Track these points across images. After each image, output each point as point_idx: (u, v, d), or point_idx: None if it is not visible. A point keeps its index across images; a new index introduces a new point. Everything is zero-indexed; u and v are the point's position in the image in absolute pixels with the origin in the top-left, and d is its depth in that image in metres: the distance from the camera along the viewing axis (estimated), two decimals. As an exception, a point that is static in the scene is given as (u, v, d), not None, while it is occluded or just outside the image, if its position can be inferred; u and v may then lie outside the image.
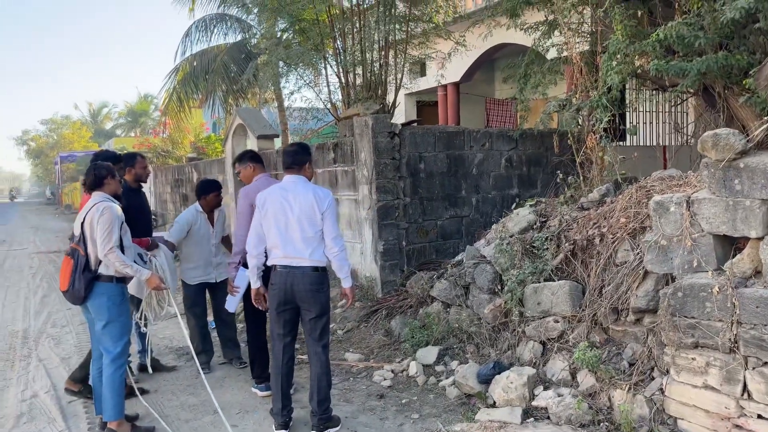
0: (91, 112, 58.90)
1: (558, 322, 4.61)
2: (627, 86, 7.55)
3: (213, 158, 14.83)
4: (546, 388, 4.26)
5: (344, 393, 4.78)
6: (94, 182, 4.21)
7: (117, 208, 4.13)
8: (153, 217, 16.93)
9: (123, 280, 4.21)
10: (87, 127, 53.67)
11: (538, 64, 7.63)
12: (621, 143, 9.69)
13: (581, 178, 6.30)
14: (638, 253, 4.26)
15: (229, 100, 14.04)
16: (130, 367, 5.12)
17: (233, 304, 5.04)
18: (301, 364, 5.20)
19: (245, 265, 4.36)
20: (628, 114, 10.08)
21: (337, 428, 4.12)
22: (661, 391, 3.76)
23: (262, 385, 4.74)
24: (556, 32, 7.33)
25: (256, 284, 4.21)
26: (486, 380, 4.44)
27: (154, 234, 5.10)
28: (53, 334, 6.80)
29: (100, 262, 4.05)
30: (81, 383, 4.71)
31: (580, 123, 6.69)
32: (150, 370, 5.26)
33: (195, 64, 14.61)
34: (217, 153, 16.46)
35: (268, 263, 4.17)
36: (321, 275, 4.10)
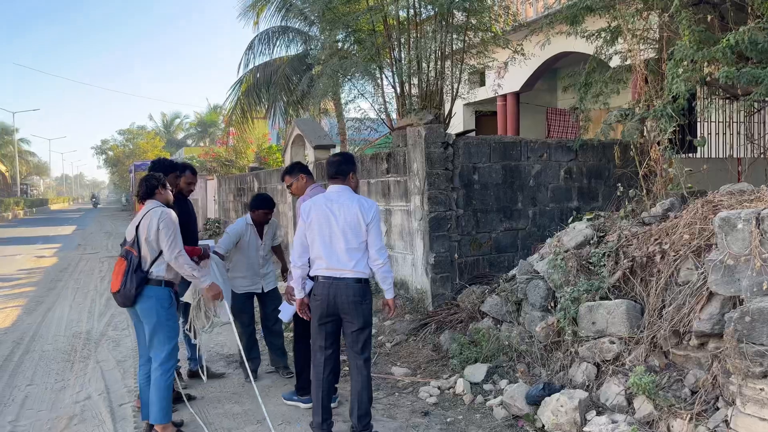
0: (164, 122, 61.62)
1: (614, 343, 4.35)
2: (697, 95, 7.16)
3: (274, 168, 15.10)
4: (599, 413, 4.02)
5: (388, 408, 4.68)
6: (146, 192, 4.36)
7: (173, 213, 4.25)
8: (216, 224, 17.38)
9: (171, 284, 4.29)
10: (160, 137, 56.09)
11: (600, 72, 7.35)
12: (690, 155, 9.21)
13: (644, 191, 6.00)
14: (702, 273, 3.97)
15: (289, 110, 14.28)
16: (179, 373, 5.21)
17: (288, 313, 4.93)
18: (346, 376, 5.12)
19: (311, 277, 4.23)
20: (699, 124, 9.59)
21: None
22: (726, 423, 3.47)
23: (306, 398, 4.69)
24: (620, 39, 7.05)
25: (300, 294, 4.18)
26: (535, 402, 4.24)
27: (200, 242, 5.16)
28: (113, 337, 7.02)
29: (152, 263, 4.14)
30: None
31: (644, 134, 6.38)
32: (205, 377, 5.27)
33: (258, 75, 14.98)
34: (278, 163, 16.76)
35: (311, 274, 4.13)
36: (364, 287, 4.03)
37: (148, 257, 4.16)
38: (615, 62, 7.36)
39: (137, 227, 4.22)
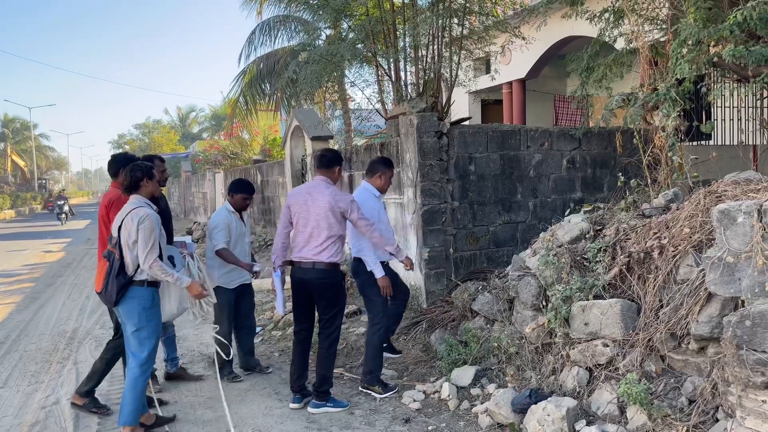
0: (180, 116, 61.74)
1: (607, 346, 4.03)
2: (710, 78, 6.73)
3: (278, 159, 14.85)
4: (589, 423, 3.70)
5: (368, 415, 4.40)
6: (130, 185, 4.11)
7: (155, 215, 4.03)
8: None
9: (155, 284, 4.09)
10: (175, 130, 56.23)
11: (604, 56, 6.95)
12: (702, 143, 8.79)
13: (648, 181, 5.63)
14: (702, 270, 3.63)
15: (292, 102, 14.00)
16: (155, 376, 4.99)
17: (281, 305, 4.88)
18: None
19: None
20: (712, 110, 9.13)
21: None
22: (725, 437, 3.15)
23: (342, 400, 4.57)
24: (625, 20, 6.64)
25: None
26: (521, 410, 3.93)
27: (176, 239, 4.91)
28: (98, 336, 6.81)
29: (138, 267, 3.95)
30: (86, 397, 4.50)
31: (647, 120, 6.00)
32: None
33: (261, 66, 14.70)
34: (281, 155, 16.50)
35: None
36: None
37: (131, 264, 3.95)
38: (620, 45, 6.96)
39: (119, 228, 3.98)
